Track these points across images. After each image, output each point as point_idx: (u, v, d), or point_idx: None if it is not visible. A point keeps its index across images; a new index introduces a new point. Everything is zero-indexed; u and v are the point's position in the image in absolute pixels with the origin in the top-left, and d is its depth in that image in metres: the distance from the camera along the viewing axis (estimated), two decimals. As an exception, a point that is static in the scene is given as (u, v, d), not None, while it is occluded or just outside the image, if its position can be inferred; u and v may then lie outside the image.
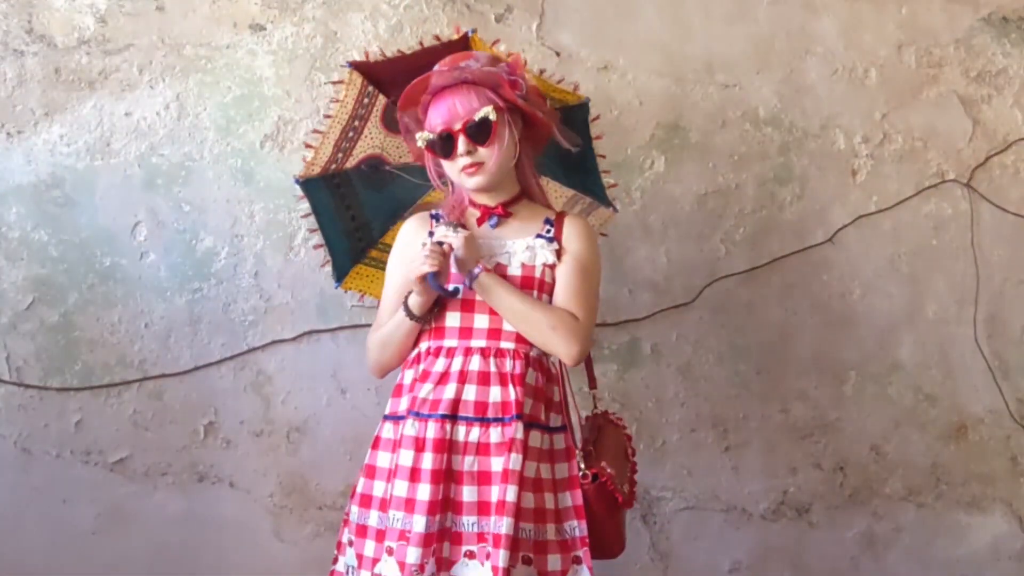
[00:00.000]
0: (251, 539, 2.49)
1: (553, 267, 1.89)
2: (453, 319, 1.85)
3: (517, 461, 1.74)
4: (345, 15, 2.57)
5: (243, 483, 2.50)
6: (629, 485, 1.91)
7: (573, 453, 1.86)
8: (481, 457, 1.77)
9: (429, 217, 1.96)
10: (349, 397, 2.53)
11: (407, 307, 1.85)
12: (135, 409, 2.47)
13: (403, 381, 1.89)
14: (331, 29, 2.56)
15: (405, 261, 1.91)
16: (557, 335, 1.82)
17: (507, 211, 1.92)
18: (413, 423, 1.79)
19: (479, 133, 1.84)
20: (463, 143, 1.83)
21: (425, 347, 1.87)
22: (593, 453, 1.88)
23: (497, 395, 1.79)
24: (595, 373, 2.05)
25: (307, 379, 2.52)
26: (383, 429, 1.89)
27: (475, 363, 1.81)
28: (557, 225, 1.92)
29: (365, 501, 1.85)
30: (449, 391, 1.79)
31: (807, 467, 2.69)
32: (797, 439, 2.69)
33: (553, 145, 1.98)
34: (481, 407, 1.79)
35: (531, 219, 1.93)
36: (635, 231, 2.64)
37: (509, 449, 1.75)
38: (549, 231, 1.91)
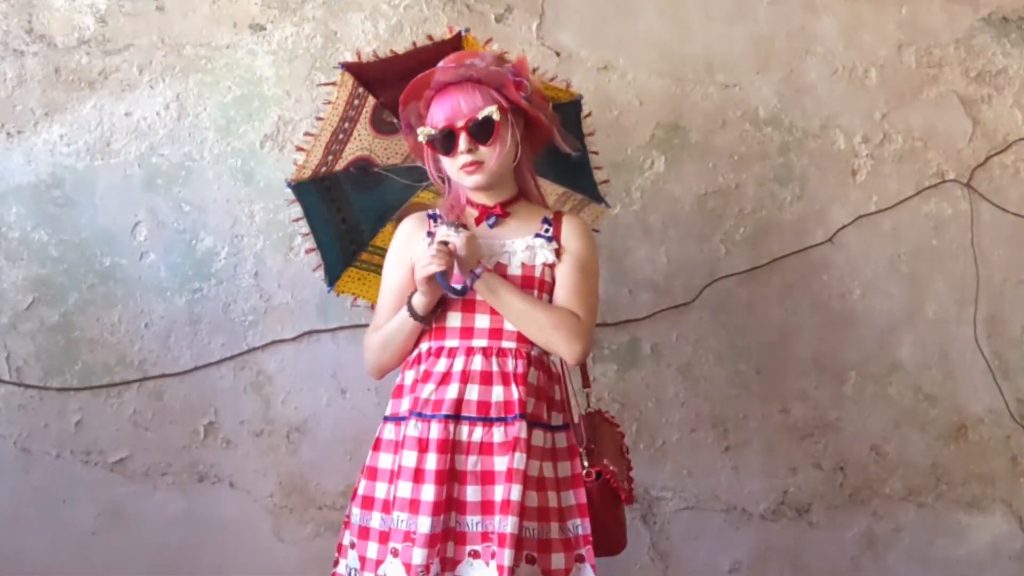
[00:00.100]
0: (251, 539, 2.49)
1: (553, 266, 1.89)
2: (454, 319, 1.85)
3: (522, 460, 1.74)
4: (345, 15, 2.57)
5: (243, 483, 2.50)
6: (628, 482, 1.91)
7: (575, 452, 1.86)
8: (484, 457, 1.77)
9: (426, 217, 1.96)
10: (349, 397, 2.53)
11: (411, 307, 1.84)
12: (135, 409, 2.47)
13: (403, 382, 1.89)
14: (331, 29, 2.56)
15: (402, 261, 1.91)
16: (559, 334, 1.83)
17: (505, 211, 1.92)
18: (416, 424, 1.79)
19: (481, 132, 1.83)
20: (464, 141, 1.83)
21: (426, 348, 1.87)
22: (595, 451, 1.88)
23: (500, 394, 1.79)
24: (595, 373, 2.05)
25: (307, 379, 2.52)
26: (384, 431, 1.88)
27: (477, 363, 1.81)
28: (555, 224, 1.92)
29: (367, 503, 1.84)
30: (452, 391, 1.79)
31: (807, 467, 2.69)
32: (797, 439, 2.69)
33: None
34: (484, 407, 1.78)
35: (529, 219, 1.93)
36: (635, 231, 2.64)
37: (513, 448, 1.75)
38: (548, 230, 1.91)
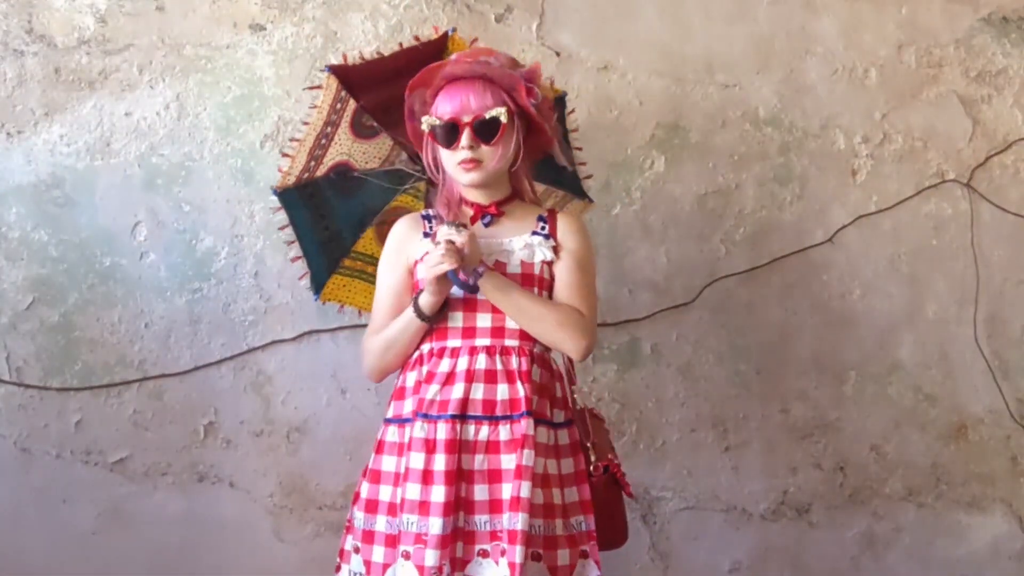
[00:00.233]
0: (251, 539, 2.49)
1: (551, 264, 1.89)
2: (455, 319, 1.85)
3: (530, 457, 1.74)
4: (345, 15, 2.57)
5: (243, 483, 2.50)
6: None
7: (578, 448, 1.87)
8: (491, 455, 1.77)
9: (420, 218, 1.95)
10: (349, 397, 2.53)
11: (418, 308, 1.83)
12: (135, 409, 2.47)
13: (405, 384, 1.88)
14: (331, 29, 2.56)
15: (398, 263, 1.92)
16: (565, 331, 1.83)
17: (500, 210, 1.92)
18: (422, 425, 1.78)
19: (486, 131, 1.83)
20: (467, 137, 1.83)
21: (427, 349, 1.86)
22: (598, 446, 1.90)
23: (505, 393, 1.79)
24: (595, 373, 2.06)
25: (307, 379, 2.52)
26: (387, 433, 1.87)
27: (481, 362, 1.81)
28: (551, 222, 1.93)
29: (371, 506, 1.83)
30: (457, 391, 1.79)
31: (807, 467, 2.69)
32: (797, 439, 2.69)
33: None
34: (489, 405, 1.79)
35: (523, 217, 1.94)
36: (635, 231, 2.64)
37: (521, 446, 1.74)
38: (544, 228, 1.92)
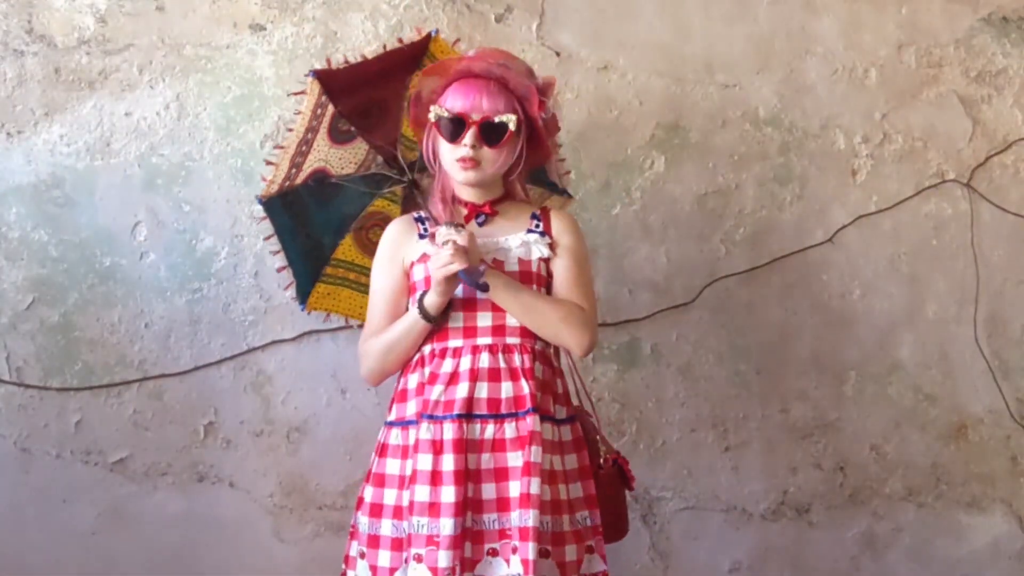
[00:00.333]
0: (251, 539, 2.49)
1: (548, 261, 1.90)
2: (456, 319, 1.85)
3: (538, 453, 1.74)
4: (345, 15, 2.57)
5: (243, 483, 2.50)
6: None
7: (581, 444, 1.88)
8: (497, 454, 1.77)
9: (413, 220, 1.95)
10: (349, 397, 2.53)
11: (423, 308, 1.83)
12: (135, 409, 2.47)
13: (407, 386, 1.88)
14: (331, 29, 2.56)
15: (394, 265, 1.91)
16: (567, 326, 1.84)
17: (494, 209, 1.93)
18: (428, 426, 1.78)
19: (492, 134, 1.84)
20: (472, 135, 1.83)
21: (428, 350, 1.86)
22: (601, 440, 1.92)
23: (509, 390, 1.80)
24: (595, 373, 2.06)
25: (307, 379, 2.52)
26: (389, 436, 1.87)
27: (484, 360, 1.81)
28: (544, 219, 1.94)
29: (375, 510, 1.83)
30: (461, 390, 1.79)
31: (807, 467, 2.69)
32: (797, 439, 2.69)
33: None
34: (494, 403, 1.79)
35: (516, 216, 1.94)
36: (635, 231, 2.64)
37: (529, 442, 1.75)
38: (538, 226, 1.93)
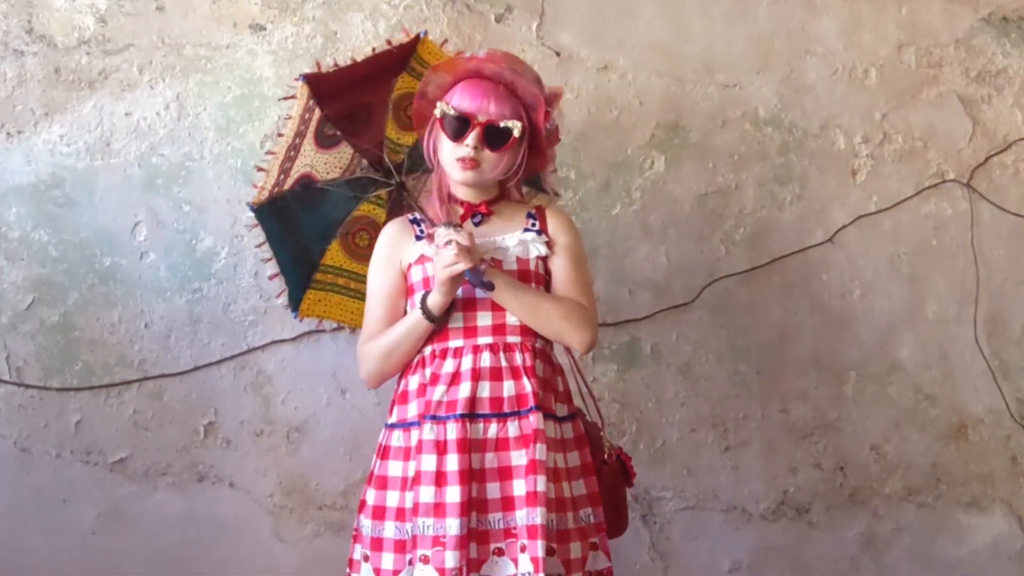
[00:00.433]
0: (251, 539, 2.49)
1: (545, 259, 1.91)
2: (456, 319, 1.85)
3: (542, 451, 1.74)
4: (345, 15, 2.57)
5: (243, 483, 2.50)
6: None
7: (583, 441, 1.88)
8: (501, 452, 1.77)
9: (408, 222, 1.95)
10: (349, 397, 2.53)
11: (426, 309, 1.82)
12: (135, 409, 2.47)
13: (408, 388, 1.87)
14: (331, 29, 2.56)
15: (391, 267, 1.91)
16: (569, 324, 1.84)
17: (490, 209, 1.93)
18: (432, 427, 1.77)
19: (495, 138, 1.84)
20: (475, 137, 1.83)
21: (429, 351, 1.86)
22: (603, 437, 1.93)
23: (511, 389, 1.80)
24: (595, 373, 2.06)
25: (307, 379, 2.52)
26: (391, 438, 1.86)
27: (485, 359, 1.81)
28: (540, 218, 1.94)
29: (378, 513, 1.82)
30: (464, 390, 1.78)
31: (807, 467, 2.69)
32: (797, 439, 2.69)
33: None
34: (497, 402, 1.79)
35: (512, 216, 1.95)
36: (635, 231, 2.64)
37: (533, 440, 1.75)
38: (535, 224, 1.93)
